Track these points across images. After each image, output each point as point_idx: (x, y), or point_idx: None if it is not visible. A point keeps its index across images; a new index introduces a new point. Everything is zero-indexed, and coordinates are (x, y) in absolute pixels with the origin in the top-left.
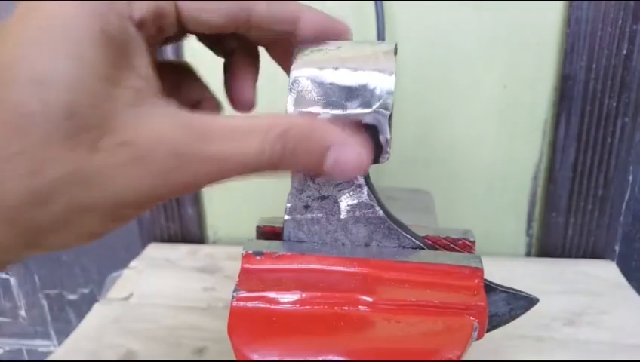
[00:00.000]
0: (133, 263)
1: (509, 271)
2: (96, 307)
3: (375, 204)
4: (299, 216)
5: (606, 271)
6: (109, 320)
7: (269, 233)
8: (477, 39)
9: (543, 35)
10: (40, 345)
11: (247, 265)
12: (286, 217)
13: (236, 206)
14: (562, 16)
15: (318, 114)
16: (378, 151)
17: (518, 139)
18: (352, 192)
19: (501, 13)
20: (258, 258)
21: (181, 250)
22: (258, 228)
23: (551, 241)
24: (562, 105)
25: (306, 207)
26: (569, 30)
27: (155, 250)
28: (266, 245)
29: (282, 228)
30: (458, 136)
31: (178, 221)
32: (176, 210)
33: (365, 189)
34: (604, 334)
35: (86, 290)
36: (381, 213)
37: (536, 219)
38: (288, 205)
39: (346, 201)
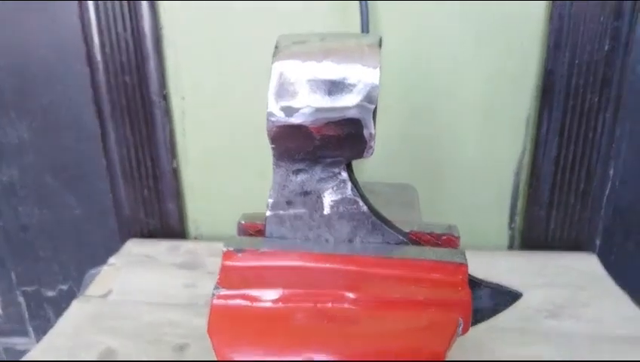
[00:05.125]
0: (112, 259)
1: (492, 265)
2: (74, 304)
3: (359, 200)
4: (281, 211)
5: (587, 264)
6: (87, 317)
7: (251, 229)
8: (461, 36)
9: (527, 31)
10: (18, 342)
11: (227, 262)
12: (268, 213)
13: (219, 201)
14: (545, 14)
15: (300, 107)
16: (362, 146)
17: (501, 134)
18: (335, 188)
19: (486, 9)
20: (239, 255)
21: (161, 246)
22: (240, 224)
23: (533, 234)
24: (545, 101)
25: (289, 202)
26: (551, 27)
27: (134, 246)
28: (248, 242)
29: (264, 225)
30: (442, 131)
31: (158, 216)
32: (157, 205)
33: (349, 184)
34: (586, 326)
35: (65, 287)
36: (365, 208)
37: (519, 212)
38: (270, 201)
39: (329, 197)
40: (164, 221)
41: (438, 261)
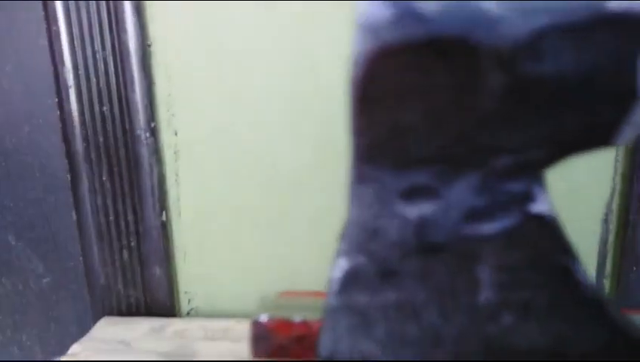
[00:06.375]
0: (74, 348)
1: None
2: None
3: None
4: (364, 296)
5: None
6: None
7: (282, 333)
8: None
9: None
10: None
11: None
12: (331, 300)
13: (218, 265)
14: None
15: None
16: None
17: (583, 171)
18: (514, 234)
19: None
20: None
21: (142, 327)
22: (257, 324)
23: (629, 302)
24: None
25: (387, 273)
26: None
27: (107, 327)
28: None
29: (317, 324)
30: None
31: (141, 286)
32: (139, 271)
33: (553, 236)
34: None
35: None
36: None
37: (608, 274)
38: (338, 274)
39: (495, 258)
40: (149, 292)
41: None
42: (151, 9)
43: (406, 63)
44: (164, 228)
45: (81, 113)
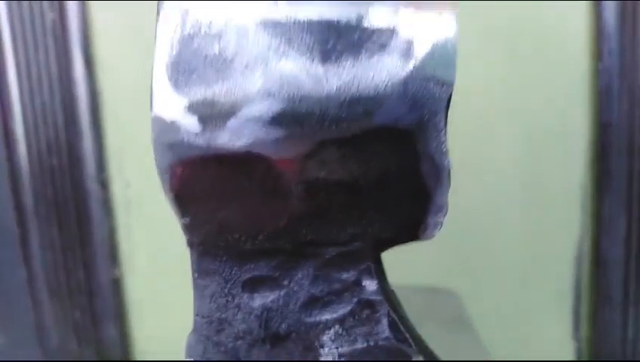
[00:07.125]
0: None
1: None
2: None
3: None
4: None
5: None
6: None
7: None
8: (488, 89)
9: (569, 74)
10: None
11: None
12: None
13: (176, 323)
14: (590, 49)
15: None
16: (418, 209)
17: (551, 211)
18: (350, 323)
19: (516, 53)
20: None
21: None
22: None
23: (607, 346)
24: (604, 163)
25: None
26: (601, 65)
27: None
28: None
29: None
30: (474, 212)
31: (94, 345)
32: (92, 330)
33: (384, 313)
34: None
35: None
36: None
37: (584, 316)
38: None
39: (334, 345)
40: (104, 354)
41: None
42: (101, 59)
43: (206, 174)
44: (117, 284)
45: (31, 165)
